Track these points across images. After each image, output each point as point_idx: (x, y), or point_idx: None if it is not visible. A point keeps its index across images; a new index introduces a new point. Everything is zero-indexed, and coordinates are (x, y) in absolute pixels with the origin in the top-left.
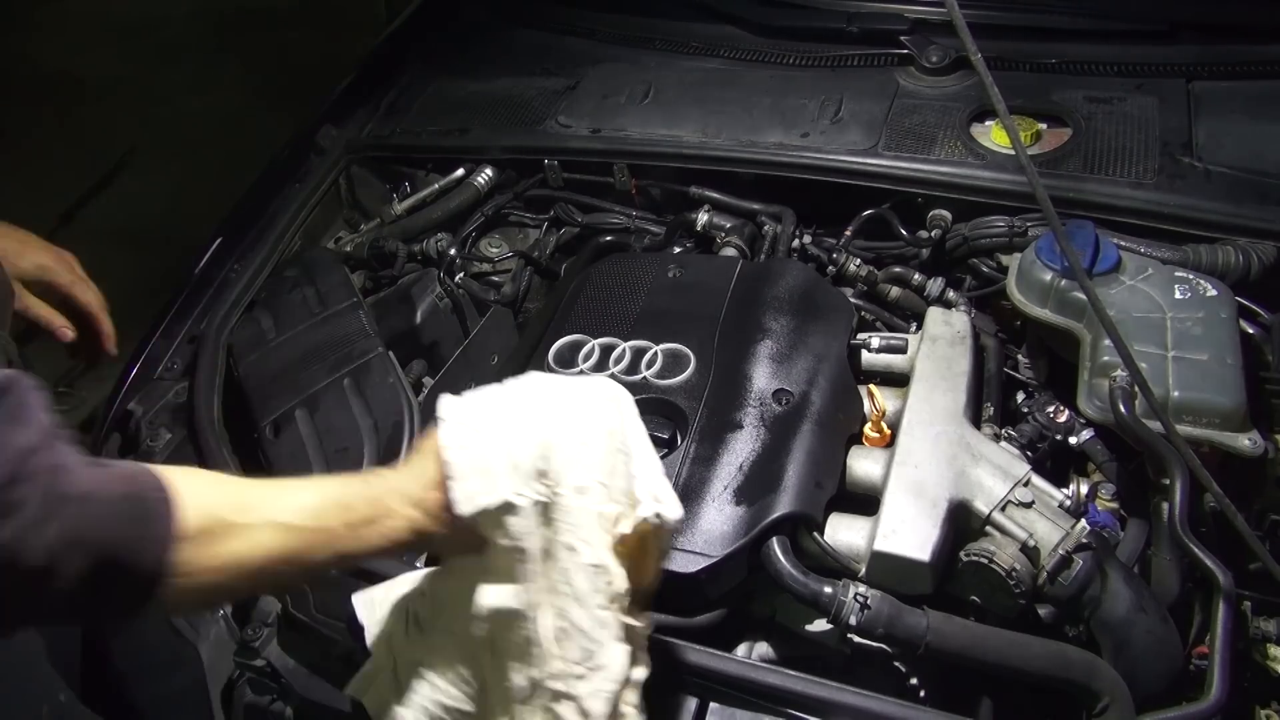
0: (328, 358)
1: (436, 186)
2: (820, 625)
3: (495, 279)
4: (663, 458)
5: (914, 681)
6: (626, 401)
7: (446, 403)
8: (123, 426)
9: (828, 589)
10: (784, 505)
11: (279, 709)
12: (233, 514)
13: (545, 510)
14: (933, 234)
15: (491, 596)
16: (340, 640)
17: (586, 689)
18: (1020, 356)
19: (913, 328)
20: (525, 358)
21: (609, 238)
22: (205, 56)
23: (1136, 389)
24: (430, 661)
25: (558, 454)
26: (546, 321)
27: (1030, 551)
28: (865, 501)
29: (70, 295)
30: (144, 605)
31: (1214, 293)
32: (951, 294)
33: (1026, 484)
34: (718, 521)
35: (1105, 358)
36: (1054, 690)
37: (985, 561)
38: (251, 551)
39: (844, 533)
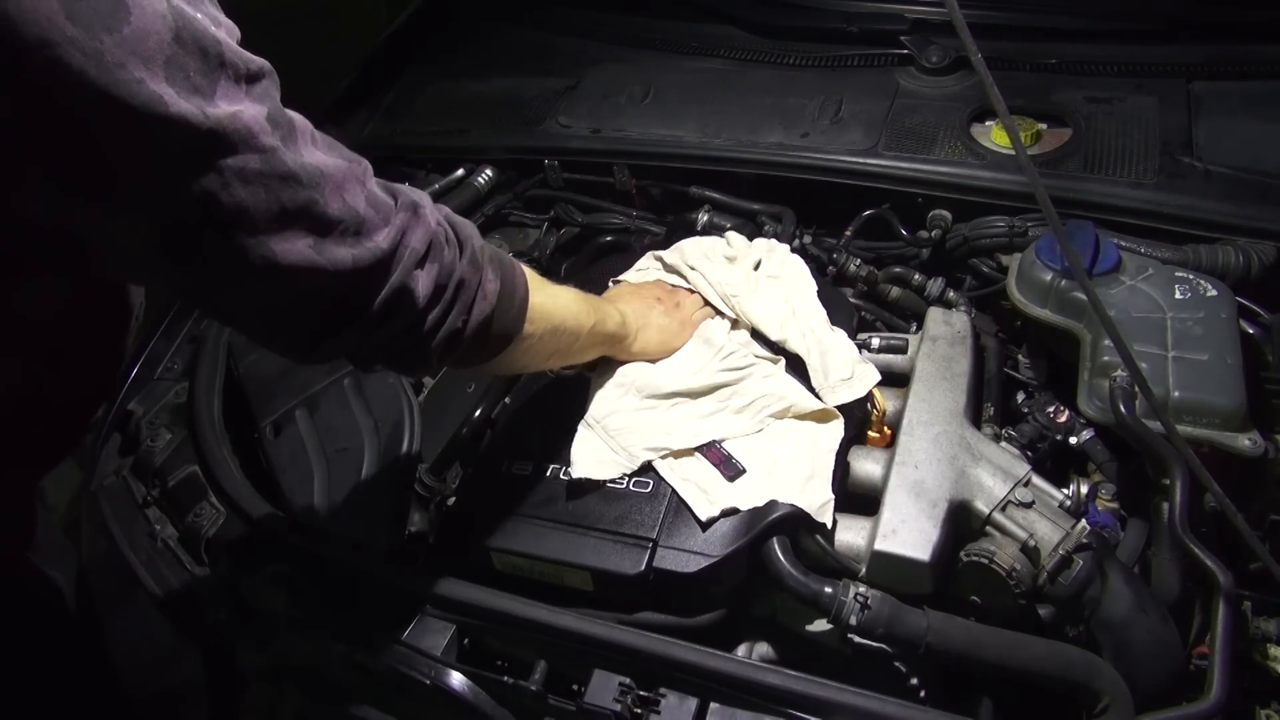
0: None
1: (437, 187)
2: (820, 625)
3: None
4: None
5: (914, 681)
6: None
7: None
8: (123, 426)
9: (828, 589)
10: (784, 505)
11: (279, 707)
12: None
13: None
14: (933, 234)
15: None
16: (340, 640)
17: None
18: (1020, 356)
19: (913, 328)
20: None
21: (609, 238)
22: None
23: (1136, 389)
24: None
25: None
26: None
27: (1030, 551)
28: (865, 501)
29: None
30: (512, 338)
31: (1214, 293)
32: (951, 294)
33: (1027, 484)
34: (718, 521)
35: (1105, 358)
36: (1054, 690)
37: (985, 561)
38: (558, 305)
39: (844, 533)
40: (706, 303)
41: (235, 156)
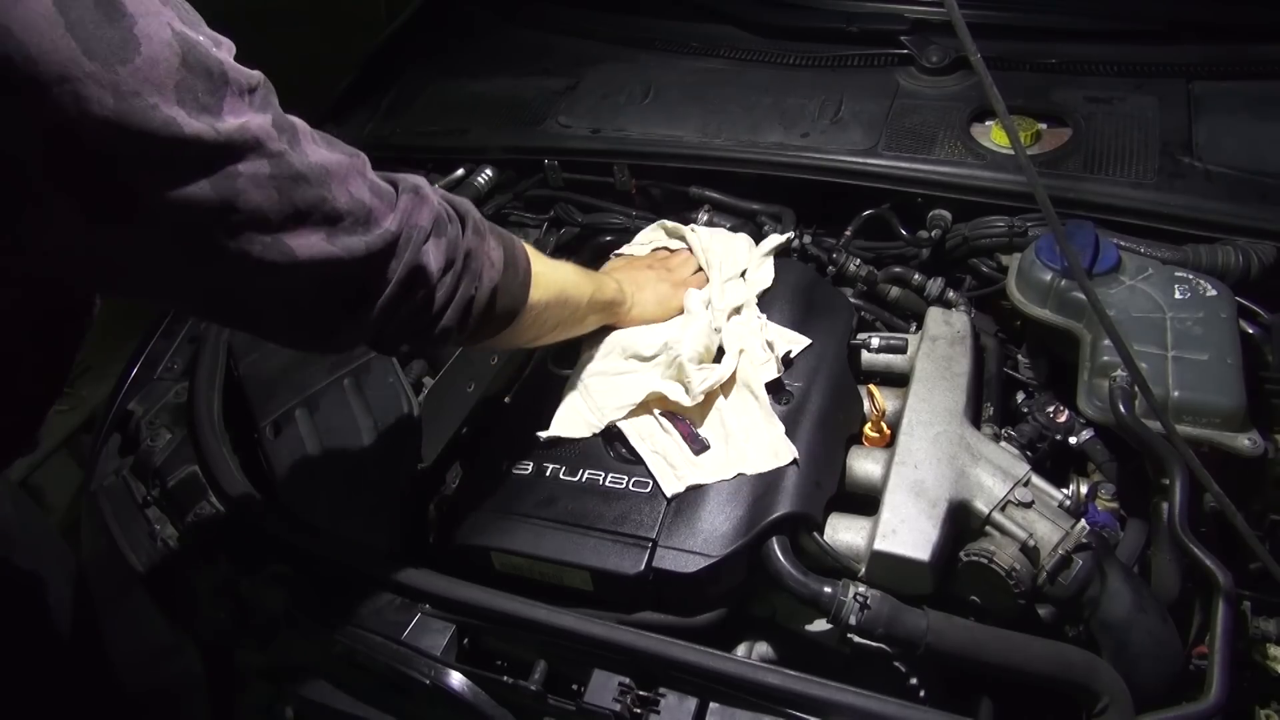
0: (328, 357)
1: (436, 186)
2: (820, 625)
3: None
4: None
5: (914, 681)
6: None
7: None
8: (123, 426)
9: (828, 589)
10: (784, 505)
11: (279, 709)
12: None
13: None
14: (933, 234)
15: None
16: (340, 640)
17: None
18: (1020, 356)
19: (913, 328)
20: (526, 357)
21: (609, 238)
22: None
23: (1136, 389)
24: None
25: None
26: None
27: (1030, 551)
28: (865, 501)
29: None
30: (519, 308)
31: (1214, 293)
32: (951, 294)
33: (1026, 484)
34: (717, 521)
35: (1105, 358)
36: (1054, 690)
37: (985, 561)
38: (558, 274)
39: (844, 533)
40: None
41: (247, 164)
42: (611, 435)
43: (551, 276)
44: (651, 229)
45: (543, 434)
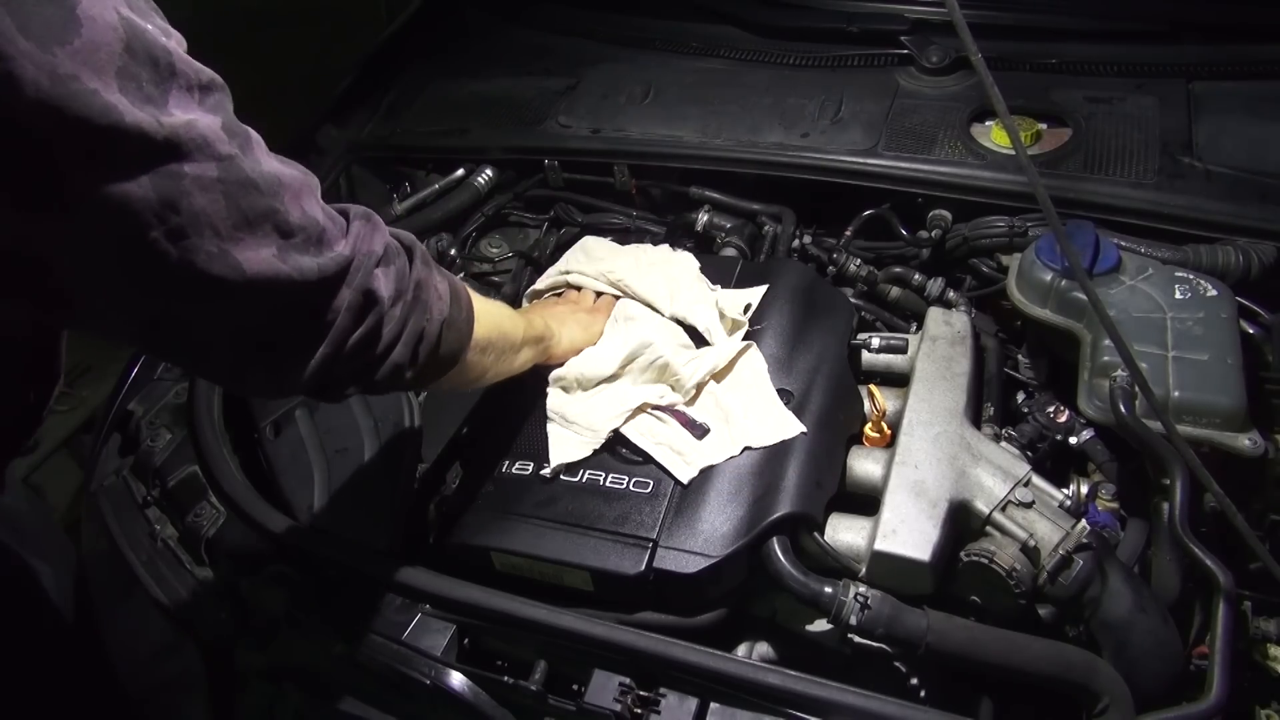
0: None
1: (437, 187)
2: (820, 625)
3: (495, 279)
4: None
5: (914, 681)
6: None
7: None
8: (123, 426)
9: (828, 589)
10: (784, 505)
11: (279, 709)
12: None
13: None
14: (933, 234)
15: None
16: (340, 640)
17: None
18: (1020, 356)
19: (913, 328)
20: None
21: (609, 238)
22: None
23: (1136, 389)
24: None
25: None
26: None
27: (1030, 551)
28: (865, 501)
29: None
30: (464, 346)
31: (1214, 293)
32: (951, 294)
33: (1027, 484)
34: (718, 521)
35: (1105, 358)
36: (1054, 690)
37: (985, 561)
38: (493, 310)
39: (844, 533)
40: (599, 295)
41: (193, 164)
42: (611, 438)
43: (489, 312)
44: (545, 279)
45: (546, 472)
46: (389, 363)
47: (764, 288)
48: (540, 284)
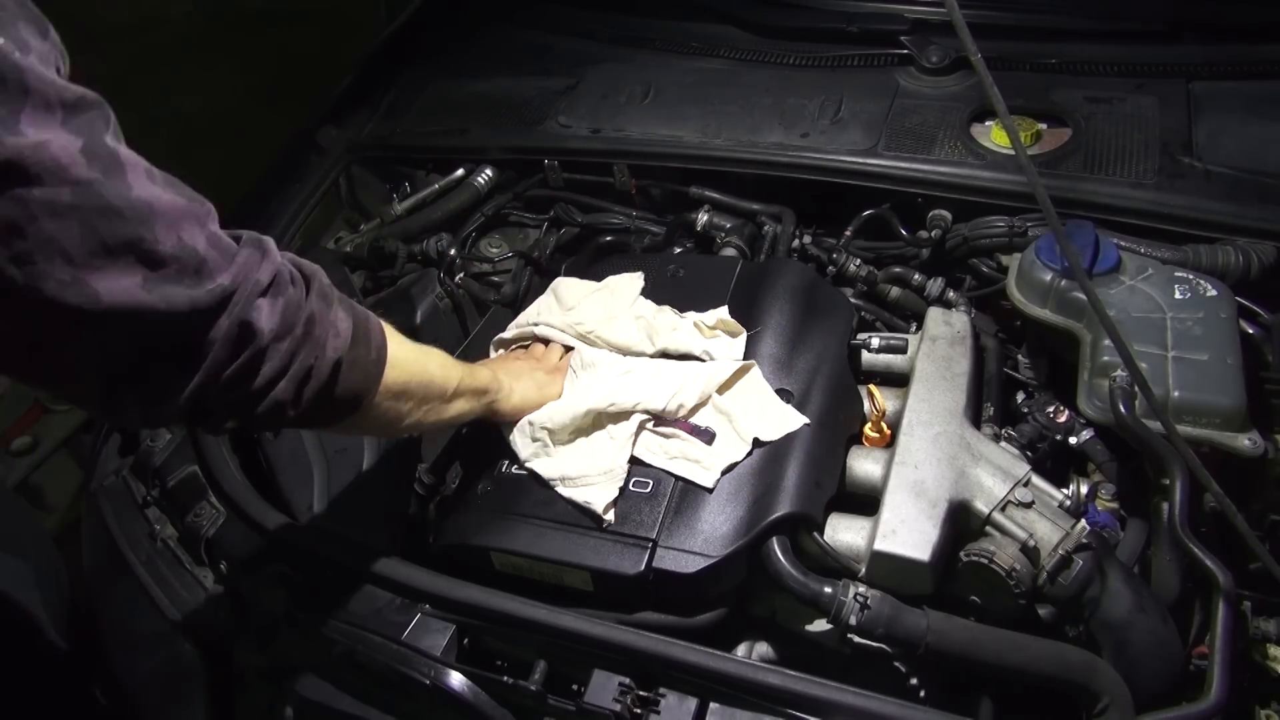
0: None
1: (436, 186)
2: (820, 625)
3: (495, 279)
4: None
5: (914, 681)
6: None
7: None
8: (123, 427)
9: (828, 589)
10: (784, 505)
11: (279, 709)
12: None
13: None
14: (933, 234)
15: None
16: (340, 640)
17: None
18: (1020, 356)
19: (913, 328)
20: None
21: (609, 238)
22: (205, 56)
23: (1136, 389)
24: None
25: None
26: None
27: (1030, 552)
28: (865, 501)
29: None
30: (370, 390)
31: (1214, 293)
32: (951, 294)
33: (1026, 484)
34: (717, 522)
35: (1105, 358)
36: (1054, 690)
37: (985, 561)
38: (421, 356)
39: (844, 533)
40: (566, 350)
41: (41, 188)
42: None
43: (412, 358)
44: (525, 320)
45: (607, 519)
46: (270, 399)
47: (725, 309)
48: (508, 333)
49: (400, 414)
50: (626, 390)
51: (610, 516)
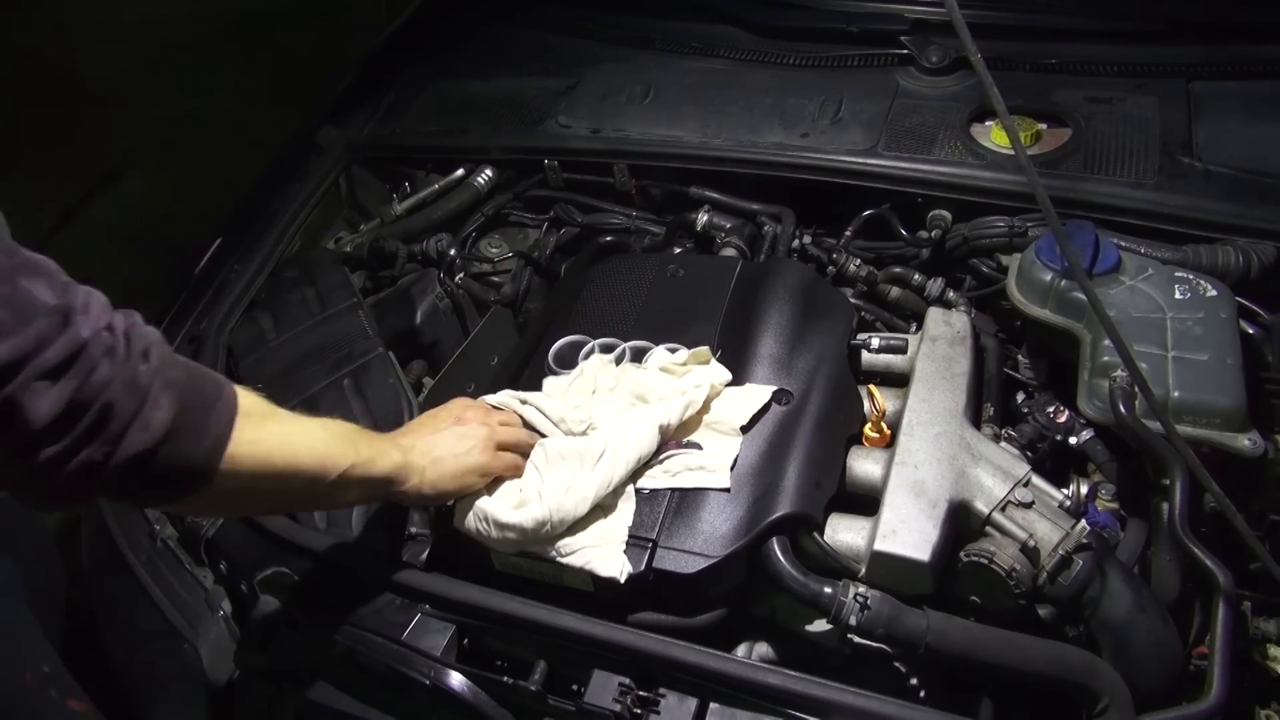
0: (328, 358)
1: (436, 187)
2: (820, 625)
3: (495, 279)
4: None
5: (914, 681)
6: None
7: None
8: None
9: (828, 589)
10: (784, 505)
11: (279, 709)
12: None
13: None
14: (933, 234)
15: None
16: (340, 640)
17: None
18: (1020, 356)
19: (913, 328)
20: (525, 358)
21: (609, 238)
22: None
23: (1136, 389)
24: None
25: None
26: (547, 322)
27: (1030, 552)
28: (865, 501)
29: None
30: (198, 481)
31: (1214, 293)
32: (951, 294)
33: (1026, 484)
34: (717, 522)
35: (1105, 358)
36: (1054, 690)
37: (985, 562)
38: (291, 442)
39: (844, 533)
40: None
41: None
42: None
43: (275, 445)
44: (514, 396)
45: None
46: (41, 484)
47: (682, 350)
48: (492, 399)
49: (254, 500)
50: (616, 458)
51: (623, 577)
